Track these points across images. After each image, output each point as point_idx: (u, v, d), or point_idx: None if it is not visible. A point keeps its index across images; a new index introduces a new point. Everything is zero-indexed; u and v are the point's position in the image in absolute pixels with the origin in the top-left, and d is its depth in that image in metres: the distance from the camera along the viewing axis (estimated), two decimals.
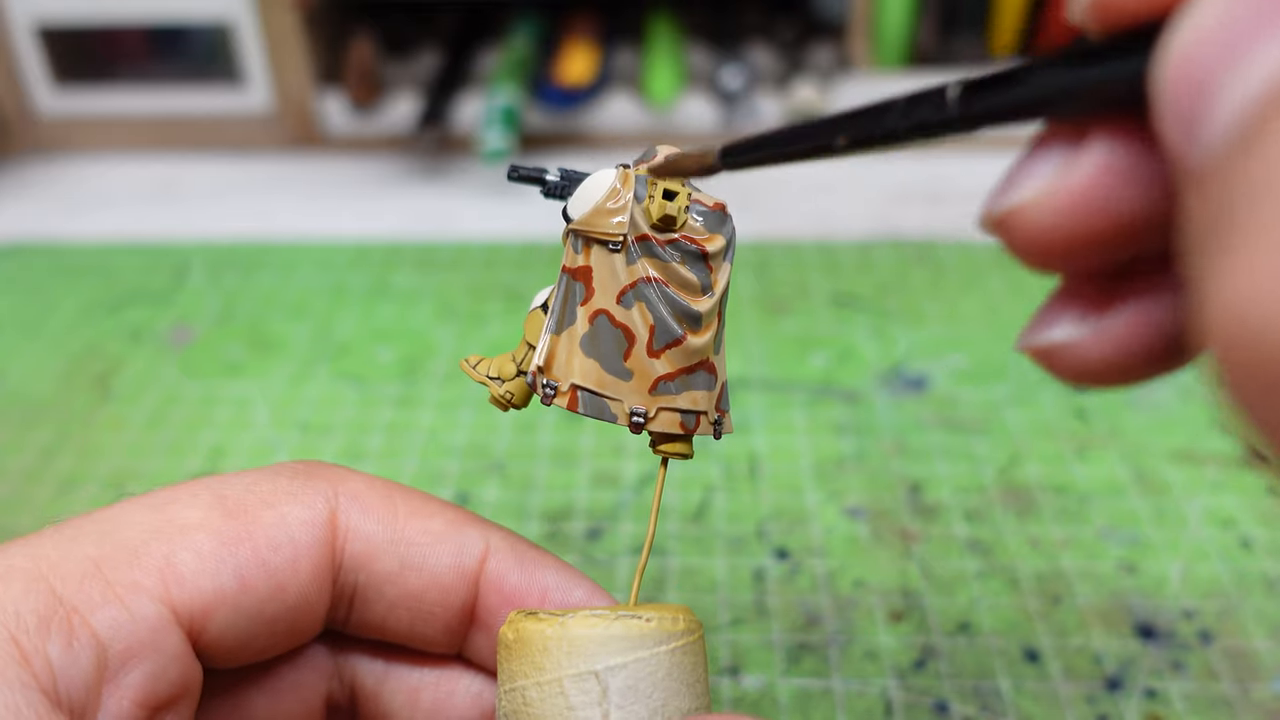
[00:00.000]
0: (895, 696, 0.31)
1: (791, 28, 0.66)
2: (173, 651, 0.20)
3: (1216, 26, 0.12)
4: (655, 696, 0.20)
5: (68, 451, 0.41)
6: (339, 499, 0.22)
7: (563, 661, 0.20)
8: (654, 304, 0.21)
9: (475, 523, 0.23)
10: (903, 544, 0.36)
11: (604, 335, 0.21)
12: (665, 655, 0.20)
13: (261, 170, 0.64)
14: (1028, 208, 0.13)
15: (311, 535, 0.22)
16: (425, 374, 0.45)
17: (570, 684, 0.20)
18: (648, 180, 0.21)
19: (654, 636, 0.20)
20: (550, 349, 0.22)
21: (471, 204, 0.59)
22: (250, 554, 0.21)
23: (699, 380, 0.22)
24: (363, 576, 0.22)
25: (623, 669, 0.20)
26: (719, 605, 0.34)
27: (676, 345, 0.21)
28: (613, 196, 0.21)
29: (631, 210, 0.21)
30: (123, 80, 0.65)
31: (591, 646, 0.20)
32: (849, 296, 0.50)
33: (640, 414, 0.21)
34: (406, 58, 0.68)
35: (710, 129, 0.62)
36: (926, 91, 0.14)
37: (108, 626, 0.19)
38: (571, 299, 0.22)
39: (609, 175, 0.21)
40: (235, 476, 0.22)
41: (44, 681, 0.18)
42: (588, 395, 0.22)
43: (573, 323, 0.22)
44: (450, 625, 0.23)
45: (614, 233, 0.21)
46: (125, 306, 0.50)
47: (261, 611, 0.21)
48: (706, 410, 0.22)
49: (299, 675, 0.23)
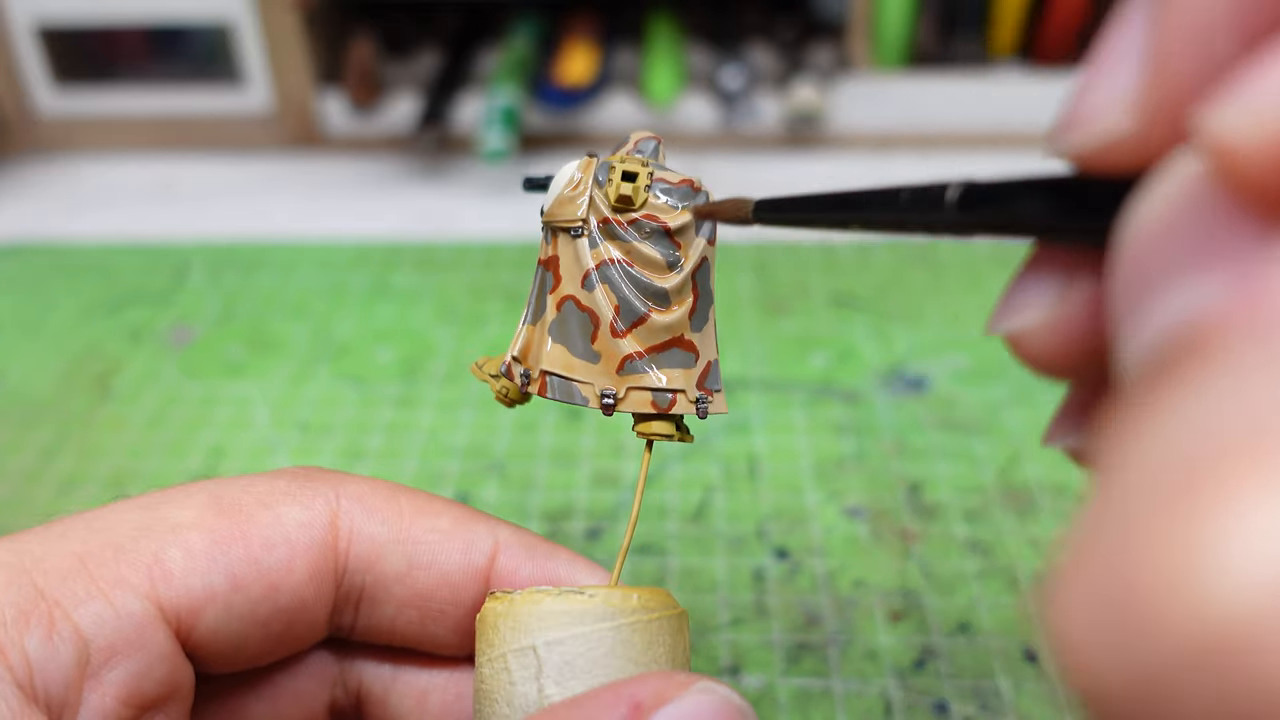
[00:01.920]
0: (895, 696, 0.31)
1: (791, 28, 0.66)
2: (159, 649, 0.19)
3: (1157, 233, 0.10)
4: (596, 673, 0.20)
5: (68, 451, 0.41)
6: (340, 501, 0.22)
7: (507, 637, 0.20)
8: (617, 284, 0.21)
9: (482, 519, 0.23)
10: (902, 544, 0.36)
11: (570, 320, 0.22)
12: (608, 631, 0.20)
13: (261, 170, 0.64)
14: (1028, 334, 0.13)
15: (309, 536, 0.21)
16: (425, 374, 0.45)
17: (512, 659, 0.20)
18: (609, 165, 0.21)
19: (595, 613, 0.20)
20: (526, 339, 0.22)
21: (471, 204, 0.59)
22: (243, 553, 0.21)
23: (672, 358, 0.22)
24: (370, 578, 0.22)
25: (559, 644, 0.20)
26: (719, 605, 0.34)
27: (641, 323, 0.21)
28: (572, 185, 0.22)
29: (592, 195, 0.21)
30: (123, 80, 0.65)
31: (531, 621, 0.20)
32: (849, 296, 0.50)
33: (610, 395, 0.21)
34: (406, 58, 0.68)
35: (710, 129, 0.62)
36: (929, 186, 0.14)
37: (91, 622, 0.19)
38: (543, 290, 0.22)
39: (569, 168, 0.22)
40: (233, 479, 0.22)
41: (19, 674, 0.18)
42: (556, 380, 0.22)
43: (544, 312, 0.22)
44: (461, 623, 0.23)
45: (573, 219, 0.21)
46: (125, 306, 0.50)
47: (254, 612, 0.21)
48: (684, 388, 0.22)
49: (300, 682, 0.23)
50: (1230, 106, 0.09)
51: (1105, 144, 0.12)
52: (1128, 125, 0.11)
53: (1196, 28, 0.10)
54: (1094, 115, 0.12)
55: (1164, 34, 0.11)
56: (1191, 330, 0.10)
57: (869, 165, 0.62)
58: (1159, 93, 0.11)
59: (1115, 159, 0.12)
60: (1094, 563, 0.09)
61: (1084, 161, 0.12)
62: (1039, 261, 0.14)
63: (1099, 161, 0.12)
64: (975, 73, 0.62)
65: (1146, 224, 0.10)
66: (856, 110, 0.62)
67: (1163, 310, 0.10)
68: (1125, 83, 0.11)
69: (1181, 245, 0.10)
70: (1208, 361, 0.09)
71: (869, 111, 0.62)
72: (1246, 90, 0.09)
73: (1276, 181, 0.09)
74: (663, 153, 0.22)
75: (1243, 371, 0.09)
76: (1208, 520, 0.08)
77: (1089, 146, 0.12)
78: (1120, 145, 0.11)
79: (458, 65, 0.65)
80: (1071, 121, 0.12)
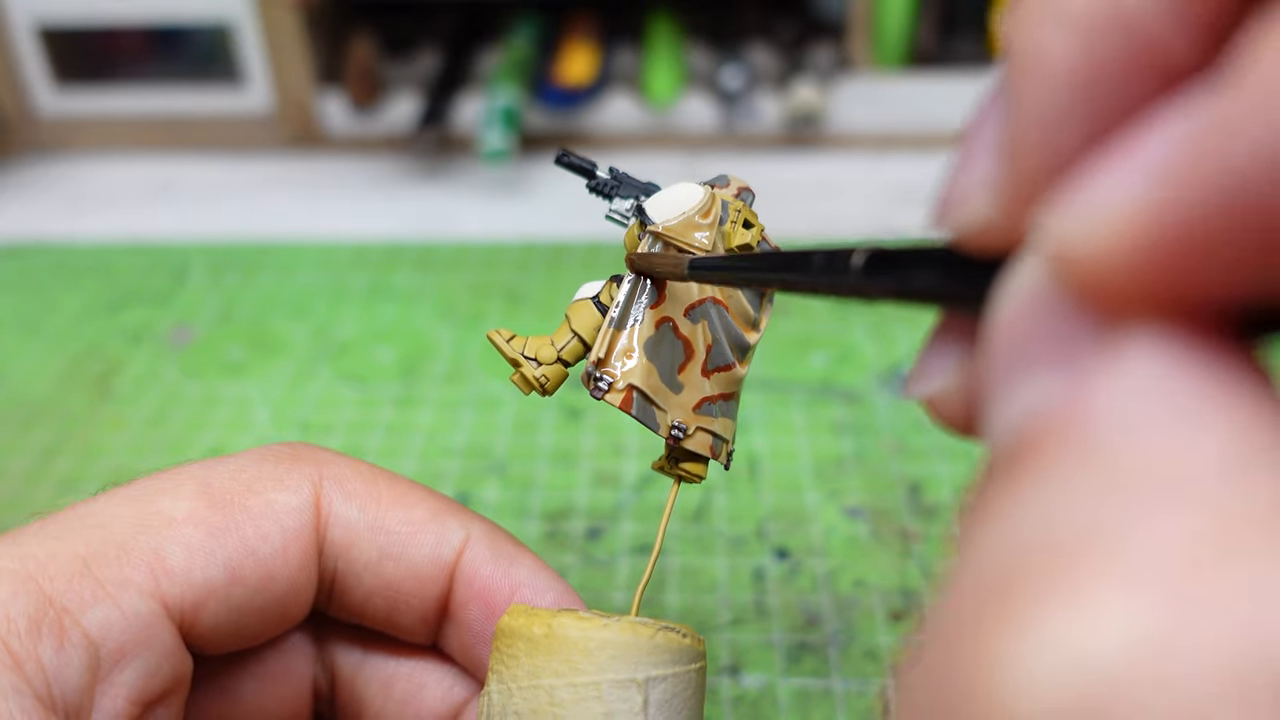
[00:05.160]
0: (895, 696, 0.31)
1: (791, 28, 0.66)
2: (165, 647, 0.20)
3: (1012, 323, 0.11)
4: (684, 713, 0.21)
5: (68, 451, 0.41)
6: (323, 483, 0.22)
7: (605, 665, 0.20)
8: (714, 325, 0.22)
9: (457, 513, 0.23)
10: (903, 544, 0.36)
11: (667, 343, 0.22)
12: (696, 673, 0.21)
13: (262, 170, 0.64)
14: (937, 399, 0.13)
15: (298, 521, 0.21)
16: (425, 374, 0.45)
17: (610, 689, 0.20)
18: (729, 205, 0.22)
19: (689, 653, 0.21)
20: (610, 343, 0.21)
21: (471, 204, 0.59)
22: (239, 544, 0.21)
23: (731, 409, 0.23)
24: (341, 563, 0.22)
25: (663, 681, 0.20)
26: (719, 605, 0.34)
27: (726, 370, 0.22)
28: (703, 211, 0.22)
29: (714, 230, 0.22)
30: (123, 80, 0.65)
31: (637, 655, 0.20)
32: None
33: (680, 429, 0.22)
34: (406, 58, 0.68)
35: (710, 129, 0.62)
36: (839, 251, 0.14)
37: (99, 626, 0.19)
38: (638, 298, 0.22)
39: (699, 191, 0.22)
40: (219, 462, 0.22)
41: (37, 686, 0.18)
42: (642, 399, 0.21)
43: (636, 322, 0.21)
44: (426, 616, 0.23)
45: (698, 246, 0.21)
46: (125, 306, 0.50)
47: (252, 601, 0.21)
48: (729, 439, 0.23)
49: (287, 661, 0.23)
50: (1066, 210, 0.10)
51: (972, 228, 0.12)
52: (988, 213, 0.12)
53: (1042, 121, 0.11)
54: (961, 199, 0.12)
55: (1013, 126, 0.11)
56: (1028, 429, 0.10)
57: (869, 165, 0.62)
58: (1012, 184, 0.11)
59: (985, 241, 0.12)
60: (924, 665, 0.10)
61: (960, 241, 0.12)
62: (947, 328, 0.14)
63: (972, 242, 0.12)
64: (975, 73, 0.62)
65: (1004, 313, 0.11)
66: (856, 110, 0.62)
67: (1012, 402, 0.11)
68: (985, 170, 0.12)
69: (1030, 338, 0.10)
70: (1031, 467, 0.10)
71: (869, 111, 0.62)
72: (1081, 194, 0.10)
73: (1110, 285, 0.10)
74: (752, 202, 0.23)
75: (1054, 481, 0.09)
76: (1007, 633, 0.09)
77: (959, 229, 0.12)
78: (985, 230, 0.12)
79: (458, 65, 0.65)
80: (945, 202, 0.12)
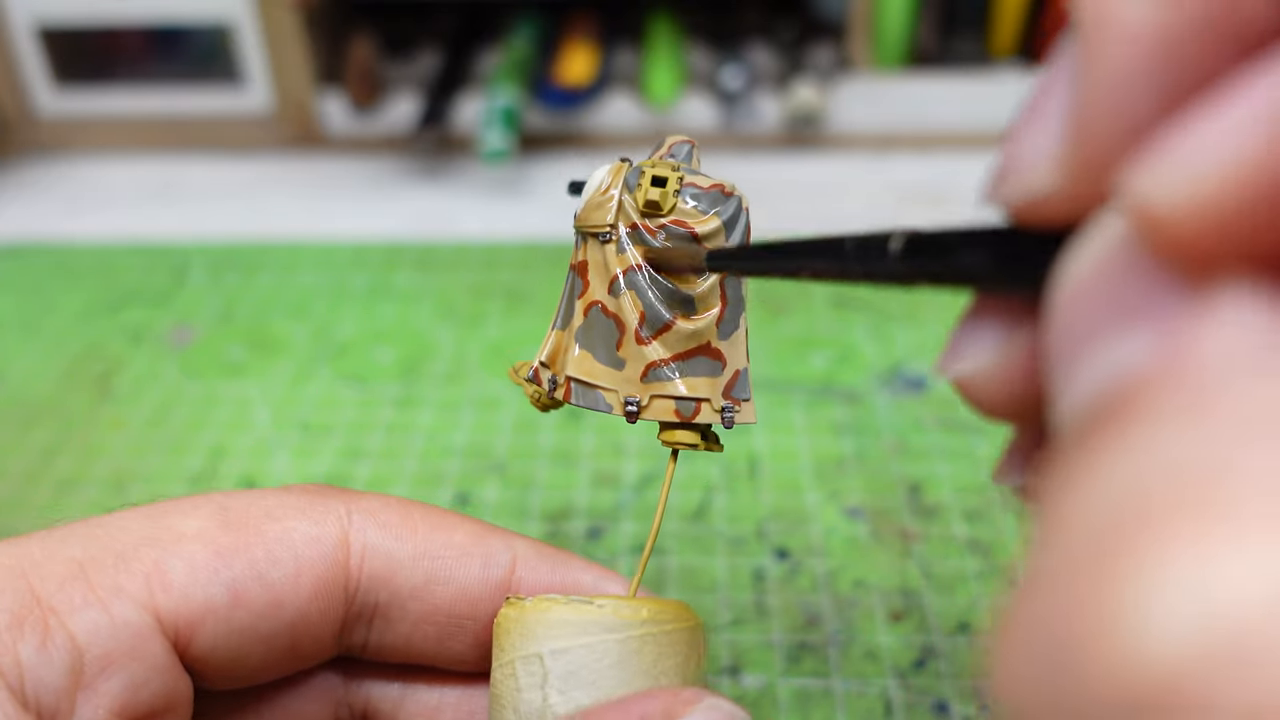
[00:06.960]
0: (895, 696, 0.31)
1: (791, 28, 0.66)
2: (155, 661, 0.19)
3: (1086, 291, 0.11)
4: (602, 685, 0.20)
5: (68, 451, 0.41)
6: (352, 517, 0.22)
7: (516, 643, 0.20)
8: (643, 290, 0.21)
9: (497, 533, 0.23)
10: (903, 544, 0.36)
11: (597, 326, 0.21)
12: (615, 643, 0.20)
13: (261, 170, 0.64)
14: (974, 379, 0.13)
15: (317, 552, 0.21)
16: (425, 374, 0.45)
17: (520, 665, 0.20)
18: (640, 169, 0.21)
19: (602, 623, 0.20)
20: (554, 344, 0.22)
21: (471, 204, 0.59)
22: (246, 567, 0.20)
23: (698, 366, 0.22)
24: (384, 595, 0.22)
25: (564, 653, 0.20)
26: (719, 605, 0.34)
27: (666, 330, 0.21)
28: (601, 190, 0.21)
29: (621, 200, 0.21)
30: (123, 80, 0.65)
31: (538, 629, 0.20)
32: (849, 297, 0.50)
33: (634, 403, 0.21)
34: (406, 58, 0.68)
35: (710, 129, 0.62)
36: (873, 236, 0.14)
37: (86, 630, 0.18)
38: (572, 295, 0.22)
39: (600, 171, 0.22)
40: (243, 492, 0.22)
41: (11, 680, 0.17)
42: (580, 386, 0.22)
43: (573, 317, 0.22)
44: (479, 638, 0.22)
45: (601, 224, 0.21)
46: (125, 306, 0.50)
47: (256, 627, 0.20)
48: (709, 397, 0.22)
49: (302, 702, 0.23)
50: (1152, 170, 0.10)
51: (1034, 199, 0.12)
52: (1053, 182, 0.11)
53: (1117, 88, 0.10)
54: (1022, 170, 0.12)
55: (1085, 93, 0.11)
56: (1119, 388, 0.10)
57: (869, 165, 0.62)
58: (1082, 152, 0.11)
59: (1046, 213, 0.11)
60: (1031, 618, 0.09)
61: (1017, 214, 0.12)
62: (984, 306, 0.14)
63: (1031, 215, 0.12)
64: (975, 73, 0.62)
65: (1075, 282, 0.11)
66: (856, 110, 0.62)
67: (1092, 368, 0.10)
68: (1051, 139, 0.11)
69: (1109, 304, 0.10)
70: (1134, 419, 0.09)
71: (869, 111, 0.62)
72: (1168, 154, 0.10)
73: (1199, 243, 0.09)
74: (697, 157, 0.22)
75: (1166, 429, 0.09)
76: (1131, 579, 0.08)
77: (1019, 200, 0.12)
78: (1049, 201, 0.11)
79: (458, 65, 0.65)
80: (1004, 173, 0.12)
